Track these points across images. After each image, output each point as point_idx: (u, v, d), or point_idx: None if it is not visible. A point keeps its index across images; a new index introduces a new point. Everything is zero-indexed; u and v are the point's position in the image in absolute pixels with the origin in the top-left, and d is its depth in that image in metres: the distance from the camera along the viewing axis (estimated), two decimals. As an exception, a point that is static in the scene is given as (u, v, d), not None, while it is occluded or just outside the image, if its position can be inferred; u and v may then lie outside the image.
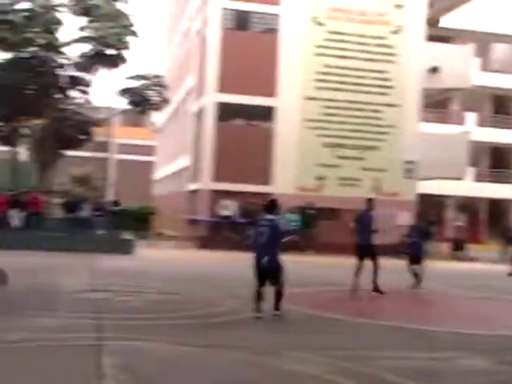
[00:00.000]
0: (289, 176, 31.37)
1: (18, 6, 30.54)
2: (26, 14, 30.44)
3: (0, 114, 30.72)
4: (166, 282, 15.21)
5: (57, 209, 26.46)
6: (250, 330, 9.84)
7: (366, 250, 14.62)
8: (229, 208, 29.81)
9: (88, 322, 9.66)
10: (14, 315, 9.89)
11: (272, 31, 32.21)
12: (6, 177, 32.95)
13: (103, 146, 34.19)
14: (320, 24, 32.18)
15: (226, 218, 29.27)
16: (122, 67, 31.06)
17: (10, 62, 30.25)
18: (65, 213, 25.05)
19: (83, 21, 31.32)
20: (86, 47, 30.78)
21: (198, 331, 9.44)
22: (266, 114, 31.84)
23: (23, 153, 36.88)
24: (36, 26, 30.06)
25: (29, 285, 13.55)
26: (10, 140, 31.99)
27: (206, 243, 28.75)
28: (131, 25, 30.79)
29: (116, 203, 26.67)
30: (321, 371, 7.33)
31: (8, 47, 29.91)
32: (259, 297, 10.57)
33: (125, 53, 30.78)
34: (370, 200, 15.33)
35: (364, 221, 14.90)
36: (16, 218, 23.67)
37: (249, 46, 31.56)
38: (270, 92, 31.60)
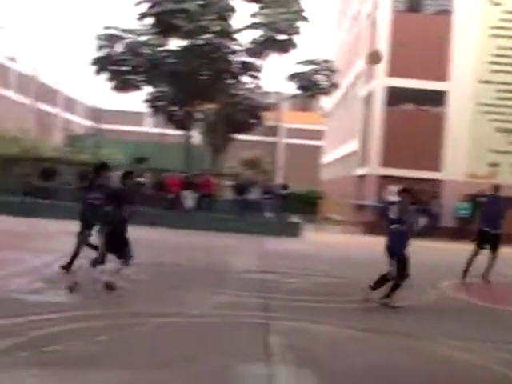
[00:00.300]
0: (459, 162, 30.39)
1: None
2: (201, 2, 31.50)
3: (175, 99, 32.06)
4: (332, 266, 15.28)
5: (227, 191, 27.20)
6: (410, 316, 9.70)
7: (489, 238, 13.64)
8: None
9: (256, 301, 9.94)
10: (192, 291, 10.35)
11: (445, 12, 31.24)
12: (180, 159, 34.38)
13: (272, 131, 34.69)
14: (496, 4, 30.76)
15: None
16: (292, 52, 31.37)
17: (185, 49, 31.45)
18: (235, 195, 25.70)
19: (254, 7, 31.96)
20: (257, 33, 31.39)
21: (361, 315, 9.43)
22: (437, 98, 30.99)
23: (196, 136, 38.26)
24: (210, 14, 31.04)
25: (202, 264, 14.15)
26: (184, 124, 33.28)
27: (372, 228, 28.49)
28: (302, 10, 31.01)
29: (284, 187, 27.01)
30: (486, 361, 7.11)
31: (183, 35, 31.11)
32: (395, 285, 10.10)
33: (295, 38, 31.07)
34: (497, 186, 14.37)
35: (492, 206, 13.97)
36: (189, 199, 24.58)
37: (420, 28, 30.79)
38: (441, 76, 30.71)
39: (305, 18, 31.01)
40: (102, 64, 31.47)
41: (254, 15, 31.51)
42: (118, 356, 6.39)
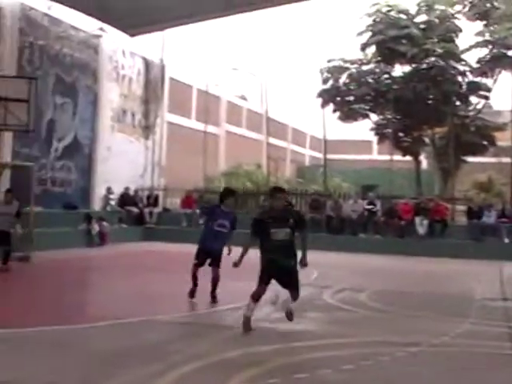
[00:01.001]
0: None
1: (415, 20, 31.47)
2: (423, 26, 31.20)
3: (402, 125, 31.86)
4: None
5: (460, 216, 26.39)
6: None
7: None
8: None
9: (501, 330, 9.52)
10: (431, 320, 10.14)
11: None
12: (409, 185, 33.97)
13: (506, 151, 33.19)
14: None
15: None
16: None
17: (409, 74, 31.25)
18: (468, 220, 24.84)
19: (479, 25, 31.02)
20: (485, 51, 30.40)
21: None
22: None
23: (424, 161, 37.63)
24: (433, 37, 30.62)
25: (438, 291, 13.85)
26: (412, 149, 32.93)
27: None
28: (533, 22, 29.54)
29: (521, 210, 25.60)
30: None
31: (407, 60, 30.98)
32: None
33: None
34: None
35: None
36: (421, 225, 24.18)
37: None
38: None
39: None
40: (327, 96, 32.14)
41: (480, 33, 30.55)
42: (364, 385, 6.45)
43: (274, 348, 7.62)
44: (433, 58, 30.02)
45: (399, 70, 32.28)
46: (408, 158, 33.47)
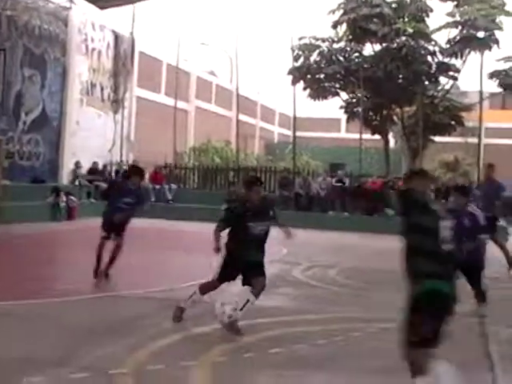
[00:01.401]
0: None
1: (386, -1, 31.50)
2: (395, 5, 31.23)
3: (371, 104, 31.96)
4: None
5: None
6: None
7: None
8: None
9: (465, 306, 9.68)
10: (403, 296, 10.24)
11: None
12: (377, 164, 34.15)
13: (472, 131, 33.54)
14: None
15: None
16: (494, 49, 30.02)
17: (380, 53, 31.29)
18: (436, 198, 25.06)
19: (450, 6, 31.14)
20: (455, 32, 30.56)
21: None
22: None
23: (393, 140, 37.81)
24: (404, 16, 30.70)
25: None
26: (380, 128, 33.06)
27: None
28: (504, 4, 29.71)
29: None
30: None
31: (378, 39, 30.99)
32: None
33: (497, 34, 29.79)
34: None
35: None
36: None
37: None
38: None
39: (508, 13, 29.67)
40: (298, 73, 32.03)
41: (450, 14, 30.68)
42: (338, 360, 6.52)
43: (248, 323, 7.64)
44: (403, 38, 30.02)
45: (370, 48, 32.30)
46: (377, 136, 33.60)
